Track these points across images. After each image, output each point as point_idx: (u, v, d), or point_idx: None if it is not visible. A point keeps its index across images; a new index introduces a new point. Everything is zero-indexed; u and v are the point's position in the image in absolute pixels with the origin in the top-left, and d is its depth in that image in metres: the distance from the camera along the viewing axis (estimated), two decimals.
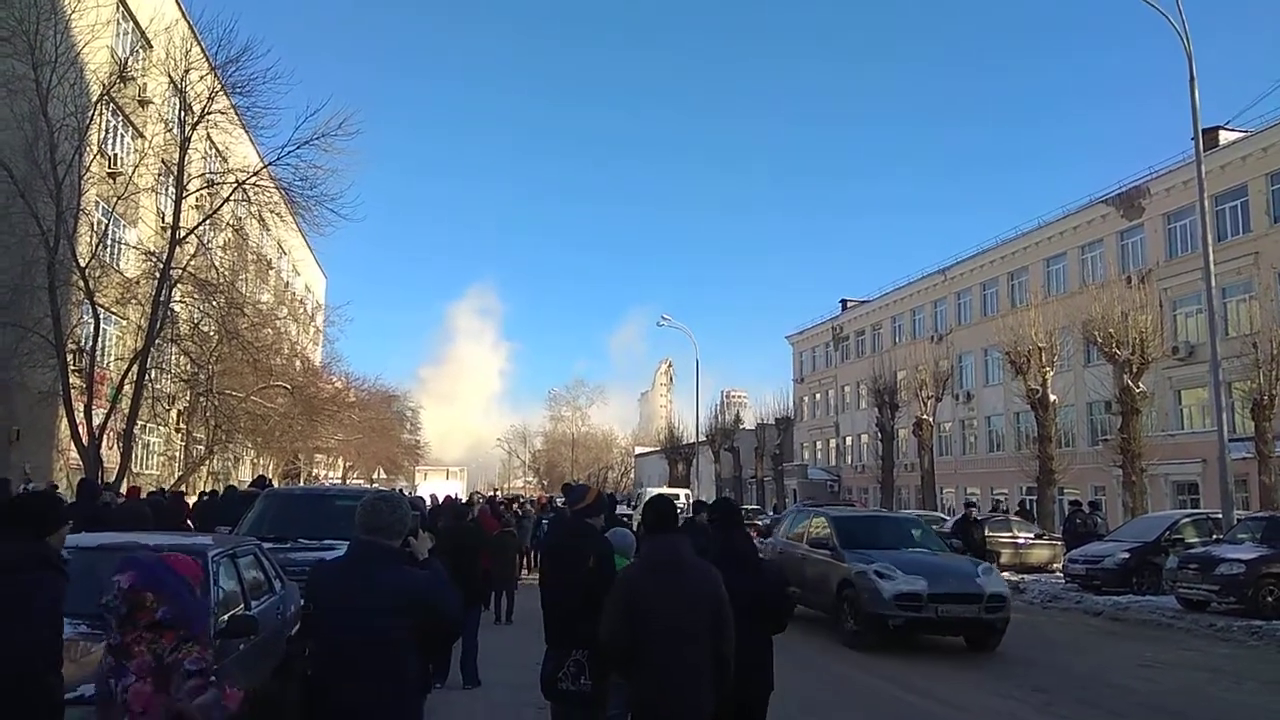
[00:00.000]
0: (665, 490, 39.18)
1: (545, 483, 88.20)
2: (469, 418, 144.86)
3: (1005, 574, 22.75)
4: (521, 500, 32.11)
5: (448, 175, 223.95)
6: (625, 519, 11.02)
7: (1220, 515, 18.92)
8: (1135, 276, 34.51)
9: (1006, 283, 45.77)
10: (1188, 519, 20.22)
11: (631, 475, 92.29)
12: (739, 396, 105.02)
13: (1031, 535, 25.40)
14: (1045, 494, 29.82)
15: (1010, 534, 25.17)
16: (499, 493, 61.01)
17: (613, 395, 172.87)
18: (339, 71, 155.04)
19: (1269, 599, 14.74)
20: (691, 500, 44.08)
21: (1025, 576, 22.50)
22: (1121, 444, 26.21)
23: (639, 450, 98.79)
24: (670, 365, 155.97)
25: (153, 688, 2.98)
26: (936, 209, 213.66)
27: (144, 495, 15.87)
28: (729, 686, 4.35)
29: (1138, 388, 25.91)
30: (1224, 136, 33.05)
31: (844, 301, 64.54)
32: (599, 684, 4.70)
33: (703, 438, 59.53)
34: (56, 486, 18.12)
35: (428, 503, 20.84)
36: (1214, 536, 18.13)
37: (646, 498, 11.13)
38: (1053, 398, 30.21)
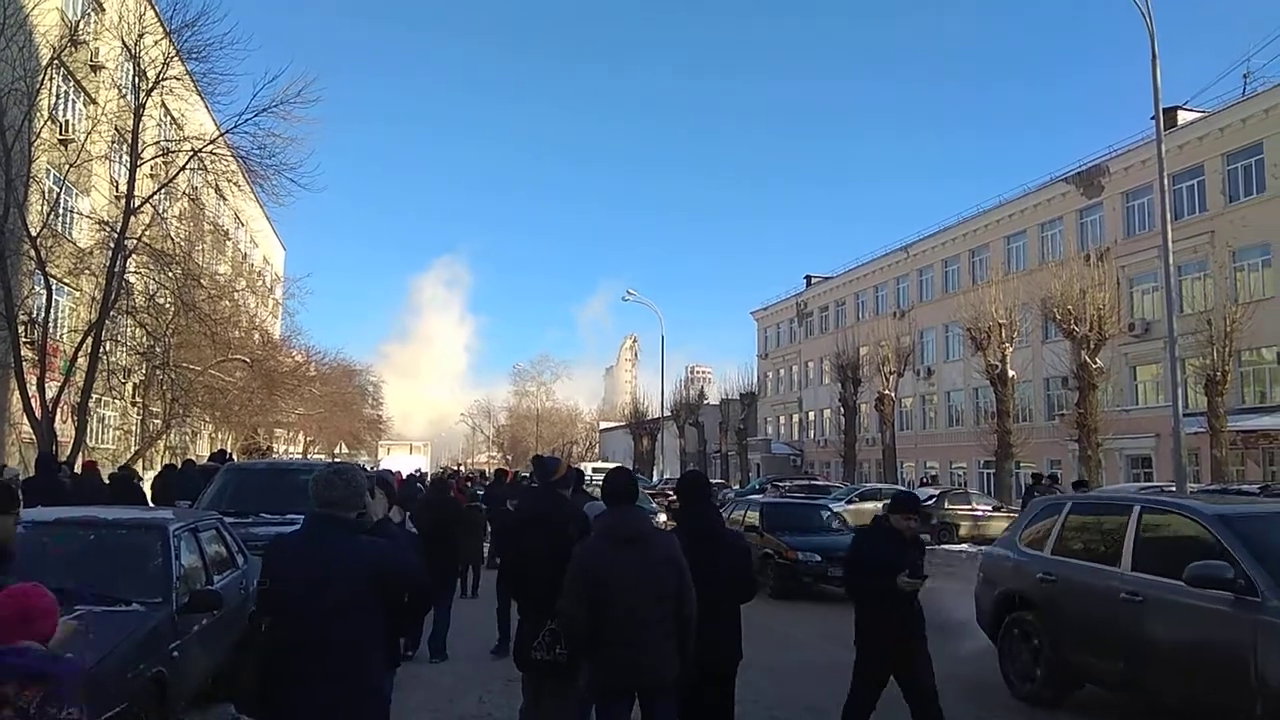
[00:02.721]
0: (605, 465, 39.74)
1: (510, 458, 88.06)
2: (432, 392, 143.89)
3: (963, 545, 23.30)
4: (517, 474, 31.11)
5: (415, 144, 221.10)
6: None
7: (1174, 488, 19.35)
8: (1094, 254, 34.99)
9: (968, 260, 46.24)
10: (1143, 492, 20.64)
11: (596, 450, 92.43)
12: (704, 372, 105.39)
13: (990, 508, 25.87)
14: (1003, 468, 30.37)
15: (969, 506, 25.63)
16: (462, 468, 60.82)
17: (578, 370, 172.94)
18: (301, 28, 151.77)
19: None
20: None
21: (983, 548, 22.89)
22: (1078, 419, 26.75)
23: (604, 425, 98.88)
24: (635, 341, 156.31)
25: None
26: (899, 177, 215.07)
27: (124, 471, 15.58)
28: (692, 650, 4.40)
29: (1094, 364, 26.40)
30: (1182, 116, 33.56)
31: (808, 277, 64.90)
32: (573, 653, 4.68)
33: (668, 413, 59.72)
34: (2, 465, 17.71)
35: (403, 477, 20.71)
36: None
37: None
38: (1011, 373, 30.71)
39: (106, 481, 14.74)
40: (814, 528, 15.38)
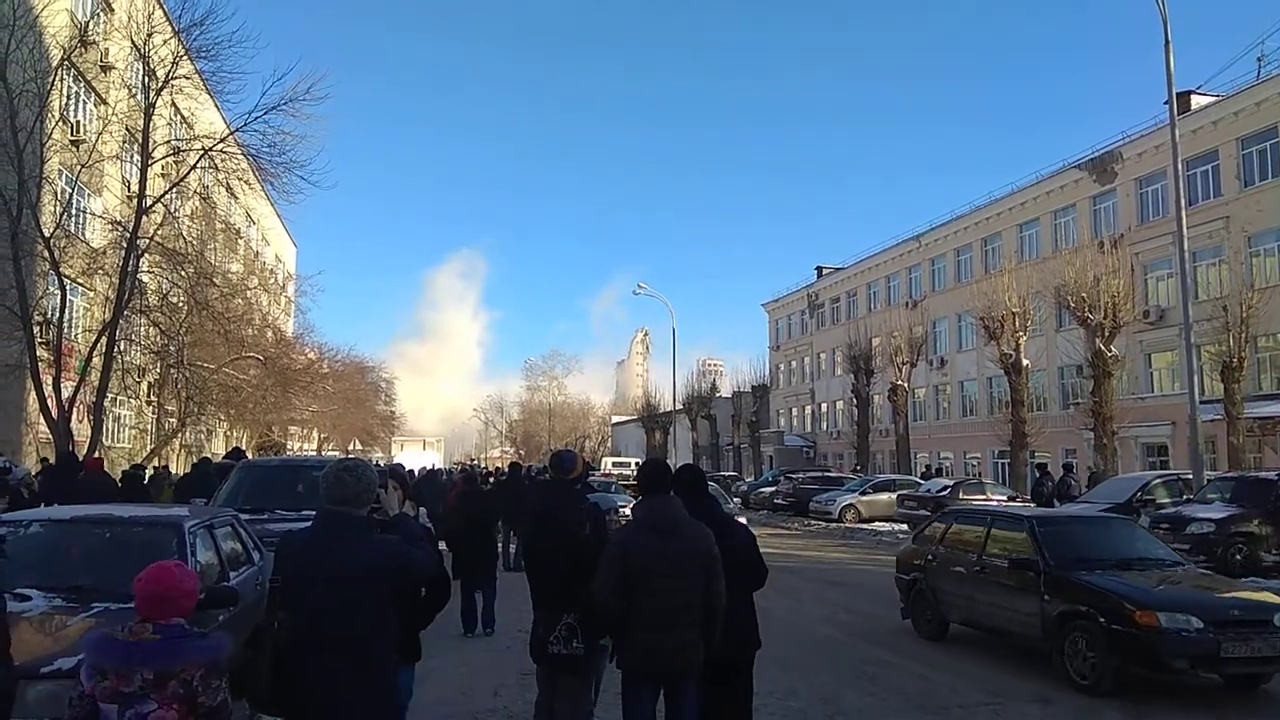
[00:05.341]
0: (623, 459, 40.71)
1: (523, 453, 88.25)
2: (445, 388, 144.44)
3: None
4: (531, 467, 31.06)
5: (428, 142, 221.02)
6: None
7: (1190, 476, 19.23)
8: (1107, 241, 34.73)
9: (980, 248, 45.96)
10: (1159, 480, 20.50)
11: (609, 444, 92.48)
12: (715, 365, 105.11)
13: (1005, 498, 25.77)
14: (1018, 458, 30.21)
15: (984, 496, 25.56)
16: (474, 463, 61.01)
17: (590, 364, 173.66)
18: (310, 27, 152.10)
19: (1238, 557, 15.01)
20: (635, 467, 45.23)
21: None
22: (1093, 407, 26.54)
23: (616, 419, 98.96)
24: (647, 334, 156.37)
25: (178, 715, 2.98)
26: (909, 170, 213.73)
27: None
28: (718, 641, 4.46)
29: (1109, 351, 26.17)
30: (1195, 101, 33.22)
31: (819, 269, 64.63)
32: (591, 647, 4.69)
33: (680, 406, 59.70)
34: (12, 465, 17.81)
35: (419, 473, 20.83)
36: (1184, 497, 18.42)
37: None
38: (1025, 362, 30.51)
39: (118, 481, 14.85)
40: (1133, 562, 8.81)
